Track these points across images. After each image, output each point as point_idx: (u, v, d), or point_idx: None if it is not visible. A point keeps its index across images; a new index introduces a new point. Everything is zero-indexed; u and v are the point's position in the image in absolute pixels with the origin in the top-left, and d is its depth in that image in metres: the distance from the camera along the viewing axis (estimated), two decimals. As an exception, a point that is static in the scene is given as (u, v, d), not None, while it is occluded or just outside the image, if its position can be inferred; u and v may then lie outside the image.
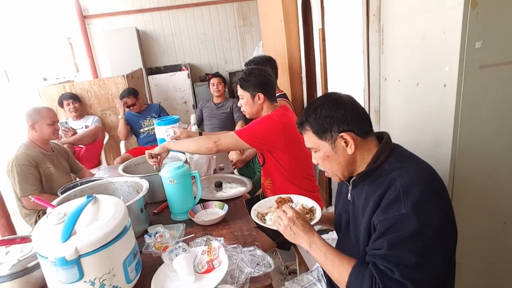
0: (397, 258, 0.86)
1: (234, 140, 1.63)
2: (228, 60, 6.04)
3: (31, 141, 2.14)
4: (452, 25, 1.18)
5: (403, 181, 0.90)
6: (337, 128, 0.99)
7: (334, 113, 0.99)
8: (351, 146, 0.99)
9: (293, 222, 1.05)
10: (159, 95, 5.44)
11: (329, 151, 1.02)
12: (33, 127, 2.10)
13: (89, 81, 3.83)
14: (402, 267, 0.85)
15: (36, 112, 2.14)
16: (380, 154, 0.99)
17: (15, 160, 2.02)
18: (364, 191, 1.00)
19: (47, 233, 0.96)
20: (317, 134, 1.02)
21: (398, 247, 0.86)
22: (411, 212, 0.86)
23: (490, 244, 1.39)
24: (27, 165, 2.04)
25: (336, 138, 1.00)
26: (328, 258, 0.98)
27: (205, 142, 1.63)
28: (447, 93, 1.27)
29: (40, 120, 2.11)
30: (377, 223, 0.92)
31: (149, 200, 1.64)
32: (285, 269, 2.28)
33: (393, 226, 0.87)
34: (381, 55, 1.72)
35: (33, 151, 2.11)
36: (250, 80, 1.72)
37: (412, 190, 0.88)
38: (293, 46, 3.04)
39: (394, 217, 0.87)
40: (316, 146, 1.05)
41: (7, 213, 2.10)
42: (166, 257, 1.12)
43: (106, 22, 5.53)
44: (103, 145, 3.65)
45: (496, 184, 1.34)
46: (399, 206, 0.88)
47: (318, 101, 1.05)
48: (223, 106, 3.61)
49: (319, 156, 1.06)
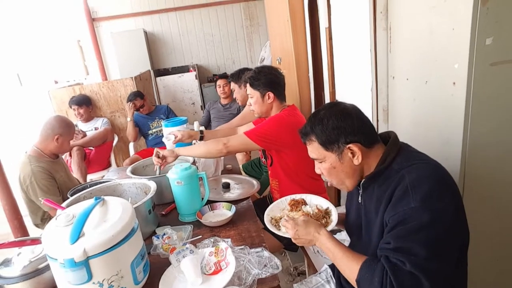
0: (408, 250, 0.84)
1: (244, 141, 1.62)
2: (235, 61, 6.05)
3: (40, 150, 2.06)
4: (462, 21, 1.16)
5: (411, 177, 0.90)
6: (344, 140, 0.98)
7: (341, 124, 0.98)
8: (358, 157, 0.99)
9: (297, 235, 1.06)
10: (167, 96, 5.48)
11: (335, 162, 1.02)
12: (57, 139, 2.06)
13: (98, 84, 3.88)
14: (414, 259, 0.83)
15: (67, 126, 2.12)
16: (388, 154, 0.98)
17: (33, 175, 1.96)
18: (375, 194, 1.00)
19: (56, 235, 0.97)
20: (323, 146, 1.01)
21: (409, 239, 0.85)
22: (420, 206, 0.85)
23: (502, 241, 1.36)
24: (46, 179, 2.00)
25: (343, 149, 0.99)
26: (337, 256, 0.97)
27: (215, 145, 1.63)
28: (456, 91, 1.24)
29: (66, 135, 2.11)
30: (388, 219, 0.92)
31: (157, 202, 1.65)
32: (294, 270, 2.27)
33: (403, 220, 0.87)
34: (389, 53, 1.70)
35: (44, 162, 2.05)
36: (260, 79, 1.71)
37: (420, 185, 0.87)
38: (300, 45, 3.02)
39: (404, 211, 0.87)
40: (321, 157, 1.04)
41: (20, 215, 2.14)
42: (174, 258, 1.13)
43: (115, 24, 5.59)
44: (112, 147, 3.69)
45: (507, 182, 1.31)
46: (407, 200, 0.87)
47: (323, 111, 1.03)
48: (231, 107, 3.61)
49: (324, 167, 1.05)
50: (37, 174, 1.98)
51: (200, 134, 1.97)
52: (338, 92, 2.43)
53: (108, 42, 5.50)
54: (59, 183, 2.10)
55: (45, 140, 2.07)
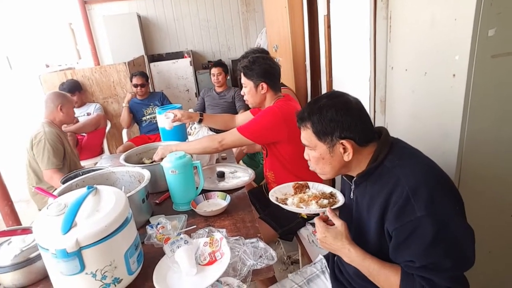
0: (435, 267, 0.85)
1: (238, 138, 1.61)
2: (231, 47, 5.97)
3: (51, 121, 2.25)
4: (465, 12, 1.14)
5: (409, 183, 0.88)
6: (339, 134, 0.96)
7: (339, 118, 0.95)
8: (349, 154, 0.97)
9: (324, 240, 1.03)
10: (161, 82, 5.40)
11: (325, 153, 1.00)
12: (61, 109, 2.24)
13: (91, 69, 3.80)
14: (445, 274, 0.85)
15: (63, 95, 2.32)
16: (380, 151, 0.97)
17: (44, 135, 2.12)
18: (368, 191, 0.98)
19: (47, 224, 0.95)
20: (317, 135, 0.99)
21: (430, 255, 0.85)
22: (426, 214, 0.84)
23: (496, 238, 1.37)
24: (55, 141, 2.15)
25: (335, 143, 0.97)
26: (373, 272, 0.95)
27: (210, 143, 1.63)
28: (456, 83, 1.23)
29: (67, 103, 2.28)
30: (392, 231, 0.90)
31: (151, 190, 1.63)
32: (287, 259, 2.28)
33: (413, 231, 0.86)
34: (388, 43, 1.67)
35: (56, 129, 2.23)
36: (254, 68, 1.68)
37: (420, 191, 0.86)
38: (297, 33, 2.98)
39: (411, 222, 0.85)
40: (312, 145, 1.02)
41: (11, 201, 2.10)
42: (168, 249, 1.12)
43: (108, 7, 5.45)
44: (105, 133, 3.63)
45: (504, 177, 1.31)
46: (411, 209, 0.85)
47: (325, 100, 1.00)
48: (225, 95, 3.57)
49: (313, 155, 1.04)
50: (48, 133, 2.14)
51: (200, 116, 1.94)
52: (335, 81, 2.41)
53: (101, 25, 5.37)
54: (66, 151, 2.26)
55: (51, 113, 2.25)
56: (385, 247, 0.94)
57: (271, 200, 1.24)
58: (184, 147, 1.67)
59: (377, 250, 0.96)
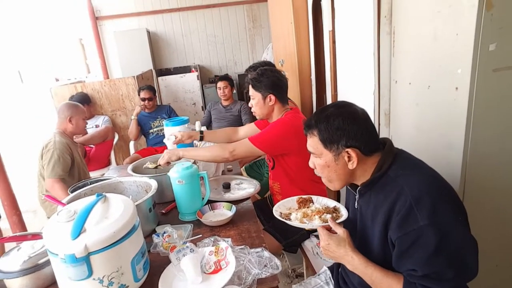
0: (437, 276, 0.86)
1: (249, 148, 1.62)
2: (237, 62, 6.06)
3: (63, 131, 2.31)
4: (466, 27, 1.17)
5: (412, 192, 0.89)
6: (345, 142, 0.98)
7: (346, 127, 0.97)
8: (353, 163, 0.99)
9: (327, 248, 1.04)
10: (169, 96, 5.48)
11: (330, 161, 1.02)
12: (70, 120, 2.29)
13: (100, 82, 3.89)
14: (447, 283, 0.86)
15: (74, 106, 2.37)
16: (384, 162, 0.99)
17: (54, 144, 2.18)
18: (372, 201, 1.00)
19: (57, 230, 0.97)
20: (323, 143, 1.01)
21: (432, 265, 0.85)
22: (429, 223, 0.85)
23: (503, 251, 1.36)
24: (63, 151, 2.19)
25: (341, 151, 0.99)
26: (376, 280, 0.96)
27: (221, 152, 1.63)
28: (459, 96, 1.25)
29: (77, 115, 2.33)
30: (395, 239, 0.91)
31: (158, 200, 1.65)
32: (292, 272, 2.27)
33: (416, 240, 0.87)
34: (392, 58, 1.70)
35: (66, 139, 2.29)
36: (262, 80, 1.71)
37: (423, 200, 0.87)
38: (303, 48, 3.04)
39: (414, 231, 0.86)
40: (318, 153, 1.04)
41: (19, 211, 2.14)
42: (174, 257, 1.13)
43: (118, 23, 5.61)
44: (113, 145, 3.69)
45: (509, 188, 1.31)
46: (414, 219, 0.86)
47: (332, 109, 1.02)
48: (231, 108, 3.62)
49: (318, 163, 1.05)
50: (58, 143, 2.20)
51: (200, 134, 1.97)
52: (340, 95, 2.44)
53: (111, 41, 5.51)
54: (76, 161, 2.32)
55: (62, 124, 2.32)
56: (389, 257, 0.95)
57: (275, 215, 1.25)
58: (193, 153, 1.67)
59: (382, 259, 0.97)
